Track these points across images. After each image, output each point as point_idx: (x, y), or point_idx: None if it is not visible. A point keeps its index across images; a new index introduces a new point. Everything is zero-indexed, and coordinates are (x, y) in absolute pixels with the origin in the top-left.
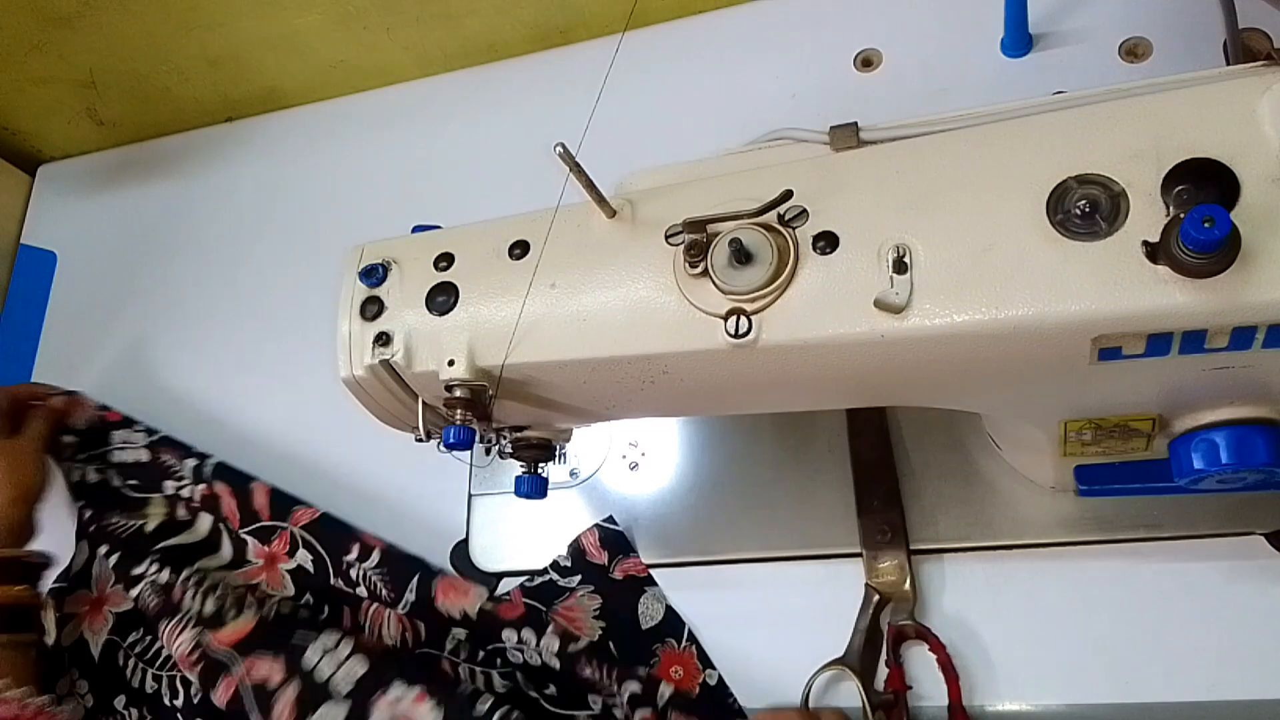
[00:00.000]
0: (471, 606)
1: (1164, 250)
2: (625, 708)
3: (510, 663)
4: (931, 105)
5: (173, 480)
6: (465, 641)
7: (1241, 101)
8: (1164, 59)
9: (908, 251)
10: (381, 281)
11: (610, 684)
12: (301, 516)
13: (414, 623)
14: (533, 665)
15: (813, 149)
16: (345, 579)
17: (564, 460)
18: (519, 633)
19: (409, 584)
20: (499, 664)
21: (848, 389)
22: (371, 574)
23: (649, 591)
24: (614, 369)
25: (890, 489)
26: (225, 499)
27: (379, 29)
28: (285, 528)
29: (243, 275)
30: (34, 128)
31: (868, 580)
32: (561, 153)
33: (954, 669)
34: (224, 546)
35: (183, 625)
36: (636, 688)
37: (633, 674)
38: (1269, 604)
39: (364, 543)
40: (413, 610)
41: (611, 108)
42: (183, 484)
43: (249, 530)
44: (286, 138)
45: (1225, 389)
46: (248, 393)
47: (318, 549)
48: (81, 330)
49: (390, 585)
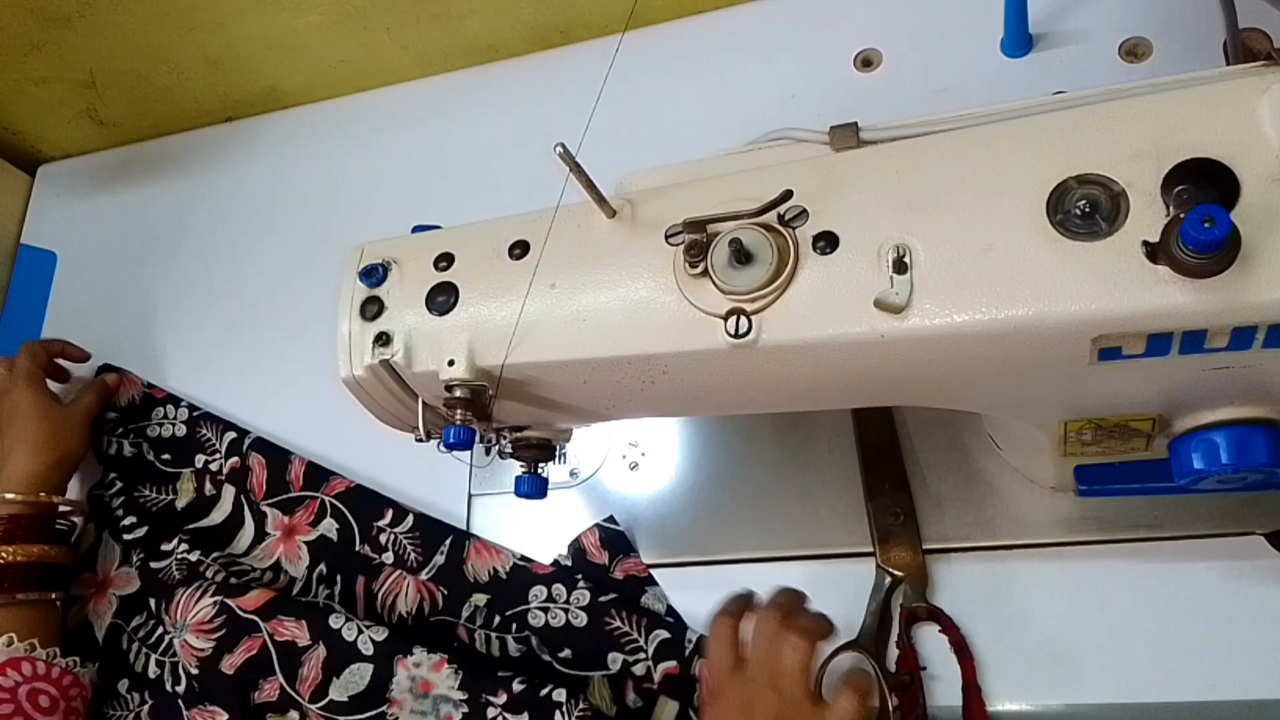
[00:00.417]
0: (504, 564)
1: (1164, 250)
2: (650, 661)
3: (528, 626)
4: (931, 105)
5: (204, 454)
6: (484, 608)
7: (1241, 101)
8: (1164, 59)
9: (908, 251)
10: (381, 281)
11: (638, 633)
12: (336, 485)
13: (433, 590)
14: (554, 626)
15: (813, 149)
16: (373, 544)
17: (564, 460)
18: (549, 588)
19: (440, 546)
20: (514, 629)
21: (848, 389)
22: (403, 538)
23: (650, 591)
24: (614, 369)
25: (899, 475)
26: (256, 471)
27: (379, 29)
28: (316, 497)
29: (242, 275)
30: (34, 128)
31: (879, 563)
32: (561, 153)
33: (968, 649)
34: (246, 523)
35: (202, 592)
36: (666, 635)
37: (661, 623)
38: (1269, 604)
39: (398, 508)
40: (437, 574)
41: (611, 108)
42: (214, 458)
43: (272, 501)
44: (286, 138)
45: (1225, 389)
46: (247, 392)
47: (347, 516)
48: (81, 330)
49: (420, 549)
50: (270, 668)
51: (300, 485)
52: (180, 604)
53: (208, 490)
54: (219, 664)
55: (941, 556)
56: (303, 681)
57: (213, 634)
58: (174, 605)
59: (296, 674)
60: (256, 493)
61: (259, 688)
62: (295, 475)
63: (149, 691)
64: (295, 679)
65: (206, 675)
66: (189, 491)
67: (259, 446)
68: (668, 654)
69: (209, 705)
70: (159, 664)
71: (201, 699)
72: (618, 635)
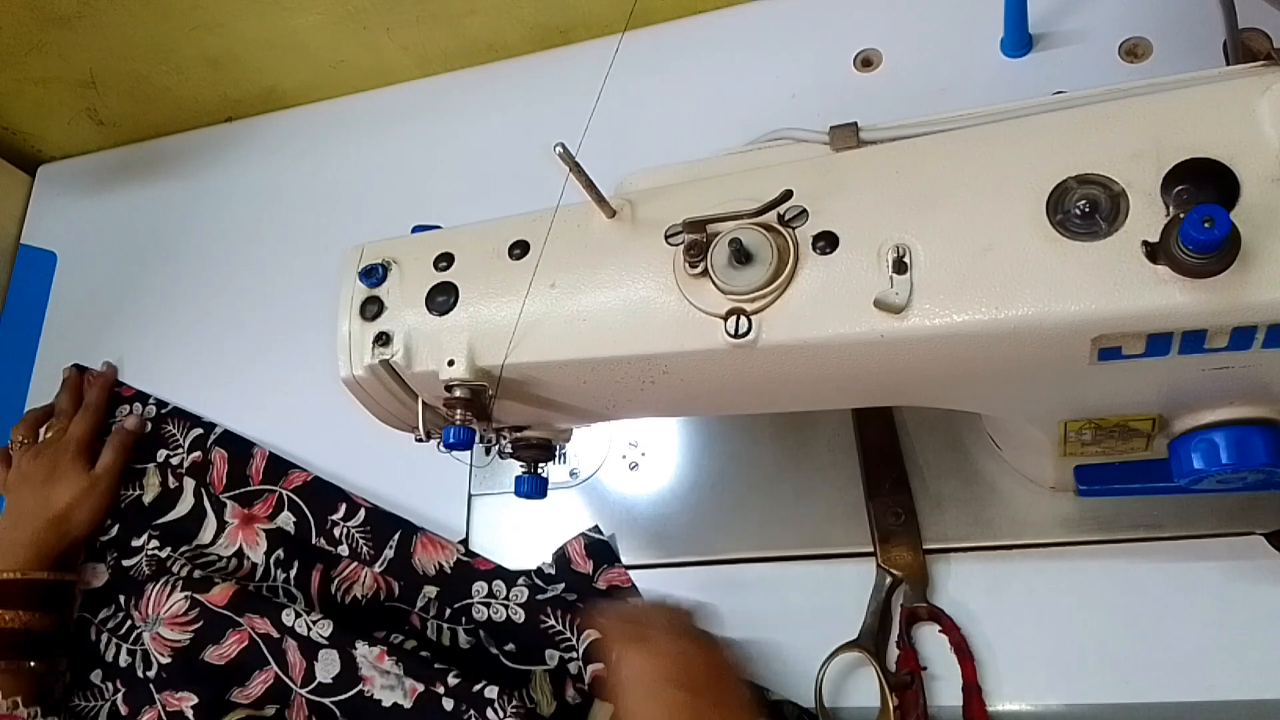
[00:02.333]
0: (449, 559)
1: (1164, 250)
2: (580, 660)
3: (475, 620)
4: (931, 105)
5: (166, 448)
6: (435, 600)
7: (1241, 101)
8: (1164, 59)
9: (908, 251)
10: (381, 281)
11: (570, 633)
12: (294, 479)
13: (388, 581)
14: (496, 621)
15: (813, 149)
16: (328, 538)
17: (564, 460)
18: (489, 585)
19: (389, 541)
20: (464, 621)
21: (847, 389)
22: (355, 532)
23: (631, 603)
24: (614, 369)
25: (899, 475)
26: (217, 465)
27: (379, 29)
28: (274, 490)
29: (242, 275)
30: (34, 128)
31: (880, 562)
32: (561, 153)
33: (968, 649)
34: (208, 515)
35: (171, 587)
36: (595, 635)
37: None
38: (1269, 604)
39: (351, 502)
40: (389, 567)
41: (611, 108)
42: (175, 452)
43: (231, 495)
44: (286, 138)
45: (1225, 389)
46: (247, 392)
47: (304, 510)
48: (81, 330)
49: (371, 543)
50: (264, 658)
51: (260, 479)
52: (150, 600)
53: (170, 484)
54: (200, 654)
55: (941, 556)
56: (293, 668)
57: (189, 626)
58: (144, 601)
59: (286, 662)
60: (216, 486)
61: (250, 680)
62: (255, 469)
63: (120, 679)
64: (286, 667)
65: (180, 663)
66: (155, 486)
67: (223, 441)
68: (597, 655)
69: (179, 691)
70: (130, 653)
71: (171, 684)
72: (552, 633)
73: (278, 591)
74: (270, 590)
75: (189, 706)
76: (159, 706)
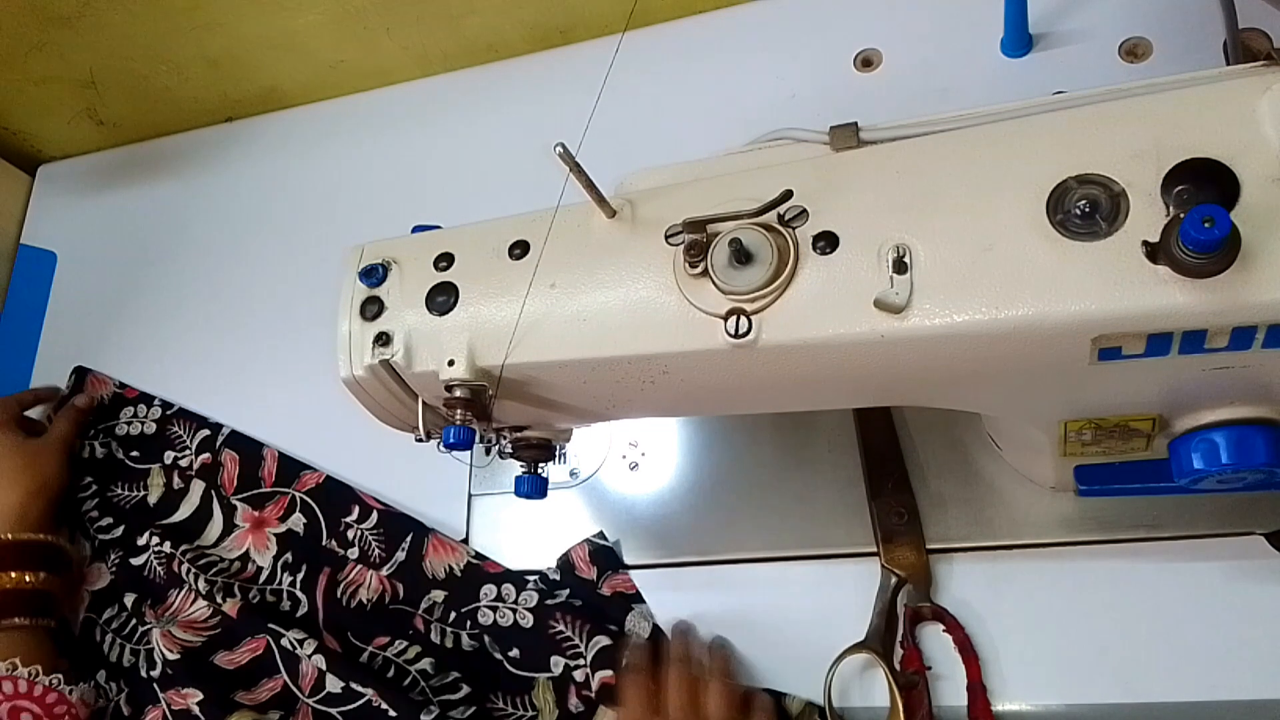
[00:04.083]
0: (459, 561)
1: (1164, 250)
2: (588, 667)
3: (480, 625)
4: (931, 105)
5: (173, 450)
6: (441, 604)
7: (1241, 101)
8: (1164, 59)
9: (908, 251)
10: (381, 281)
11: (579, 639)
12: (307, 480)
13: (393, 583)
14: (502, 625)
15: (813, 149)
16: (340, 540)
17: (564, 460)
18: (499, 588)
19: (401, 543)
20: (469, 626)
21: (848, 389)
22: (368, 534)
23: (636, 609)
24: (614, 369)
25: (901, 475)
26: (228, 466)
27: (379, 29)
28: (287, 493)
29: (242, 275)
30: (34, 128)
31: (884, 563)
32: (561, 153)
33: (973, 649)
34: (215, 515)
35: (196, 594)
36: (606, 641)
37: (603, 629)
38: (1269, 604)
39: (364, 504)
40: (398, 570)
41: (611, 108)
42: (183, 454)
43: (243, 497)
44: (286, 138)
45: (1225, 389)
46: (247, 392)
47: (315, 512)
48: (81, 330)
49: (383, 545)
50: (275, 667)
51: (272, 481)
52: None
53: (175, 484)
54: (210, 656)
55: (943, 556)
56: (304, 678)
57: (205, 631)
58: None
59: (298, 671)
60: (227, 488)
61: (257, 685)
62: (268, 472)
63: (124, 680)
64: (298, 676)
65: (186, 661)
66: (159, 486)
67: (232, 442)
68: (606, 662)
69: (185, 688)
70: (134, 652)
71: (177, 682)
72: (560, 639)
73: (281, 595)
74: (274, 594)
75: (195, 702)
76: (164, 705)
